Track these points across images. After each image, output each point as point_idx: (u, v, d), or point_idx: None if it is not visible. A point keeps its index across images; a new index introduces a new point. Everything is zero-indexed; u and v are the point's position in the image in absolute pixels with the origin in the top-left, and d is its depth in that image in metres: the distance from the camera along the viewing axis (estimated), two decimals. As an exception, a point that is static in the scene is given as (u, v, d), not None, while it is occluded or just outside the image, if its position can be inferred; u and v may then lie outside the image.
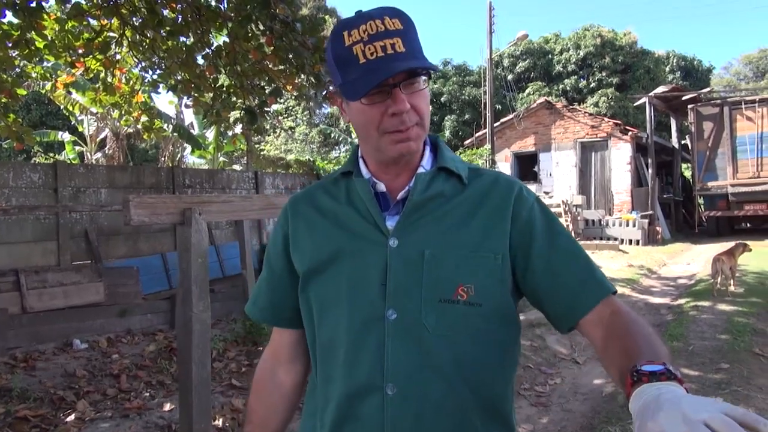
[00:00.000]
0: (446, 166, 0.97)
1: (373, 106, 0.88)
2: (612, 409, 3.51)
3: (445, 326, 0.89)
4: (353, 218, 0.96)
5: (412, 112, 0.89)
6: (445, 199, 0.95)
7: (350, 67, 0.87)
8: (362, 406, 0.91)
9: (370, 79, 0.84)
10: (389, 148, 0.91)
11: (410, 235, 0.92)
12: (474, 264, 0.90)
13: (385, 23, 0.86)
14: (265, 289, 1.09)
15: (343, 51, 0.88)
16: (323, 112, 25.36)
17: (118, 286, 5.76)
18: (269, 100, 5.16)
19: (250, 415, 1.11)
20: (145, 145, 17.90)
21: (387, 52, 0.85)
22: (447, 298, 0.89)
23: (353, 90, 0.87)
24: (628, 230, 13.79)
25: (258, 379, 1.12)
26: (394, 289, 0.90)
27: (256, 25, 4.58)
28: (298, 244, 1.01)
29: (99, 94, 5.61)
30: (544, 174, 17.04)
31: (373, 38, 0.85)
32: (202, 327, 2.59)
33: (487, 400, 0.92)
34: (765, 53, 41.53)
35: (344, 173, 1.02)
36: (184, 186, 7.89)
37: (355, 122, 0.94)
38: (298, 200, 1.06)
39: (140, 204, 2.45)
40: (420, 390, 0.89)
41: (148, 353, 4.84)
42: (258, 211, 3.13)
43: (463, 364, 0.90)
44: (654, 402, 0.62)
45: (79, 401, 3.70)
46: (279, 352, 1.10)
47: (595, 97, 23.63)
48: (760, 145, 13.89)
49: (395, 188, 0.97)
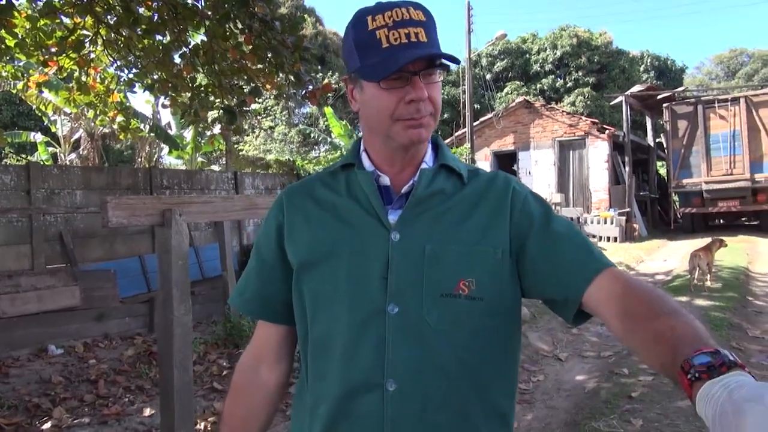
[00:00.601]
0: (448, 164, 0.97)
1: (391, 92, 0.88)
2: (595, 405, 3.54)
3: (447, 321, 0.88)
4: (354, 211, 0.95)
5: (427, 102, 0.89)
6: (446, 197, 0.95)
7: (372, 50, 0.87)
8: (360, 403, 0.88)
9: (394, 62, 0.84)
10: (401, 134, 0.90)
11: (412, 229, 0.91)
12: (474, 258, 0.90)
13: (410, 12, 0.87)
14: (254, 280, 1.04)
15: (365, 35, 0.88)
16: (302, 111, 25.23)
17: (95, 290, 5.63)
18: (248, 100, 5.10)
19: (227, 419, 1.06)
20: (120, 145, 17.60)
21: (411, 40, 0.86)
22: (449, 292, 0.88)
23: (374, 72, 0.87)
24: (606, 227, 13.99)
25: (238, 379, 1.06)
26: (396, 283, 0.89)
27: (235, 23, 4.52)
28: (293, 235, 0.98)
29: (73, 93, 5.49)
30: (523, 172, 17.18)
31: (398, 24, 0.86)
32: (184, 330, 2.54)
33: (488, 397, 0.91)
34: (735, 53, 42.54)
35: (344, 166, 1.00)
36: (161, 187, 7.77)
37: (368, 108, 0.93)
38: (294, 191, 1.03)
39: (119, 205, 2.39)
40: (422, 387, 0.87)
41: (126, 358, 4.74)
42: (240, 211, 3.08)
43: (464, 360, 0.89)
44: (730, 406, 0.54)
45: (56, 408, 3.60)
46: (263, 349, 1.05)
47: (572, 97, 23.94)
48: (733, 143, 14.20)
49: (399, 182, 0.96)
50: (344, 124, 14.36)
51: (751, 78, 37.64)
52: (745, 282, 8.02)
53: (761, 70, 38.45)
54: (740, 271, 8.81)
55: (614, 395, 3.66)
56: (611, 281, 0.86)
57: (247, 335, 5.01)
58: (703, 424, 2.61)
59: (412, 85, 0.87)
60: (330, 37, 25.05)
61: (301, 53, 4.70)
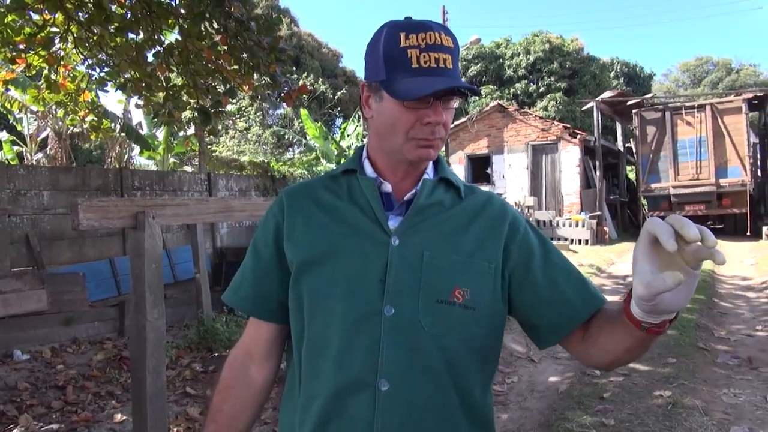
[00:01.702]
0: (447, 177, 1.02)
1: (410, 111, 0.91)
2: (568, 406, 3.59)
3: (440, 327, 0.92)
4: (355, 215, 0.98)
5: (441, 126, 0.93)
6: (444, 208, 0.99)
7: (401, 67, 0.90)
8: (352, 402, 0.90)
9: (426, 86, 0.88)
10: (411, 151, 0.94)
11: (411, 236, 0.95)
12: (470, 269, 0.94)
13: (442, 38, 0.91)
14: (250, 278, 1.05)
15: (396, 50, 0.91)
16: (277, 113, 25.04)
17: (63, 293, 5.48)
18: (224, 100, 5.04)
19: (214, 415, 1.06)
20: (89, 145, 17.20)
21: (439, 65, 0.90)
22: (444, 299, 0.92)
23: (403, 90, 0.89)
24: (577, 230, 14.21)
25: (227, 375, 1.07)
26: (394, 285, 0.92)
27: (210, 23, 4.46)
28: (293, 235, 1.00)
29: (42, 92, 5.34)
30: (497, 176, 17.36)
31: (429, 48, 0.90)
32: (157, 335, 2.49)
33: (471, 403, 0.95)
34: (701, 61, 43.71)
35: (346, 171, 1.03)
36: (133, 188, 7.61)
37: (383, 120, 0.95)
38: (295, 192, 1.05)
39: (90, 207, 2.33)
40: (412, 388, 0.90)
41: (95, 363, 4.64)
42: (214, 214, 3.04)
43: (453, 366, 0.92)
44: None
45: (22, 415, 3.50)
46: (253, 347, 1.07)
47: (545, 101, 24.30)
48: (699, 149, 14.59)
49: (400, 190, 1.00)
50: (319, 125, 14.29)
51: (716, 86, 38.74)
52: (711, 284, 8.24)
53: (725, 78, 39.62)
54: (706, 273, 9.05)
55: (586, 396, 3.72)
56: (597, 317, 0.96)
57: (221, 339, 4.95)
58: (672, 423, 2.66)
59: (432, 109, 0.91)
60: (305, 38, 24.92)
61: (277, 54, 4.66)
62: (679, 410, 3.36)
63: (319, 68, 23.47)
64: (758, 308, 6.66)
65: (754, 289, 7.98)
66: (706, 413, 3.33)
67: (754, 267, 9.83)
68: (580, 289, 0.97)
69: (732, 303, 7.05)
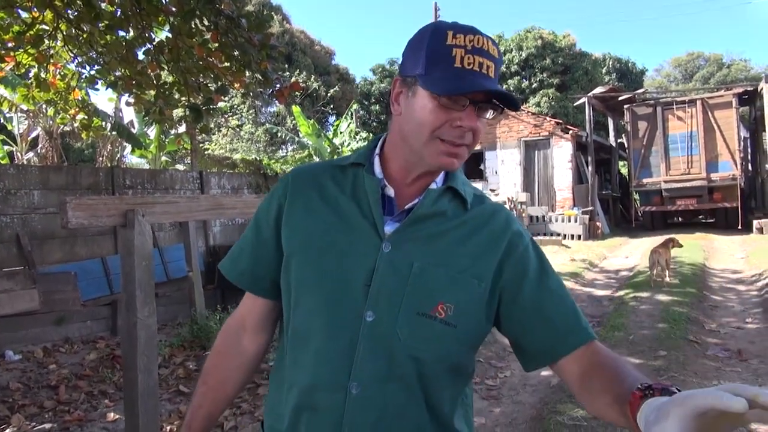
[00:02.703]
0: (455, 187, 0.98)
1: (443, 111, 0.88)
2: (560, 399, 3.61)
3: (417, 339, 0.91)
4: (353, 213, 0.96)
5: (470, 133, 0.90)
6: (445, 219, 0.97)
7: (442, 64, 0.87)
8: (323, 400, 0.92)
9: (469, 83, 0.86)
10: (434, 156, 0.91)
11: (404, 244, 0.93)
12: (458, 285, 0.92)
13: (488, 45, 0.88)
14: (249, 253, 1.06)
15: (441, 47, 0.87)
16: (269, 110, 24.95)
17: (55, 293, 5.47)
18: (215, 98, 5.02)
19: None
20: (81, 144, 17.10)
21: (482, 70, 0.87)
22: (425, 312, 0.91)
23: (442, 84, 0.86)
24: (570, 226, 14.27)
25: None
26: (377, 292, 0.91)
27: (201, 20, 4.44)
28: (291, 220, 1.00)
29: (32, 90, 5.30)
30: (490, 172, 17.40)
31: (475, 51, 0.87)
32: (148, 333, 2.49)
33: (439, 414, 0.95)
34: (692, 57, 43.91)
35: (354, 164, 1.01)
36: (124, 187, 7.58)
37: (412, 115, 0.91)
38: (302, 175, 1.03)
39: (79, 206, 2.33)
40: (382, 395, 0.91)
41: (88, 362, 4.63)
42: (205, 212, 3.03)
43: (424, 377, 0.92)
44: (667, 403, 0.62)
45: (14, 415, 3.49)
46: (247, 318, 1.09)
47: (537, 97, 24.35)
48: (690, 144, 14.68)
49: (403, 195, 0.98)
50: (312, 123, 14.27)
51: (707, 80, 38.94)
52: (702, 277, 8.31)
53: (717, 72, 39.81)
54: (698, 266, 9.12)
55: (578, 389, 3.74)
56: (586, 349, 0.92)
57: (214, 337, 4.93)
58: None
59: (466, 113, 0.88)
60: (297, 36, 24.83)
61: (268, 51, 4.65)
62: (669, 402, 3.39)
63: (311, 65, 23.39)
64: (748, 301, 6.72)
65: (744, 282, 8.05)
66: (696, 405, 3.37)
67: (744, 260, 9.90)
68: (570, 319, 0.95)
69: (723, 296, 7.11)
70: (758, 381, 3.83)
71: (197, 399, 1.10)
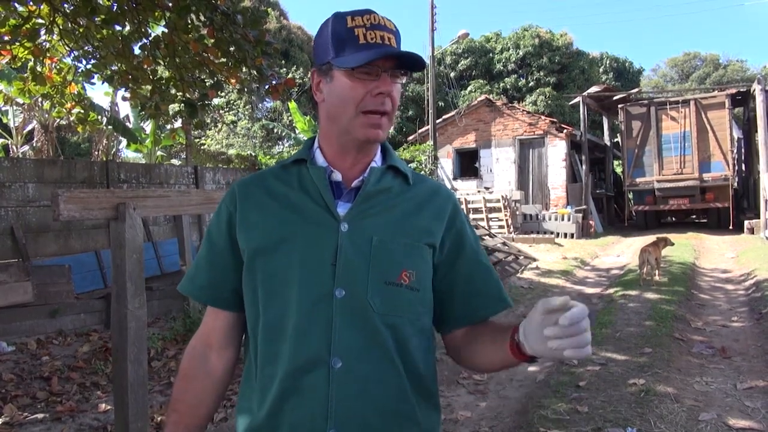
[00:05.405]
0: (395, 165, 1.07)
1: (359, 83, 0.97)
2: (545, 394, 3.68)
3: (389, 307, 0.98)
4: (305, 203, 1.02)
5: (389, 99, 0.99)
6: (392, 194, 1.05)
7: (348, 44, 0.97)
8: (307, 379, 0.95)
9: (374, 53, 0.94)
10: (360, 131, 0.99)
11: (360, 222, 1.00)
12: (416, 253, 1.02)
13: (384, 21, 0.99)
14: (205, 267, 1.09)
15: (344, 30, 0.97)
16: (266, 106, 24.93)
17: (49, 285, 5.50)
18: (210, 94, 5.06)
19: (175, 404, 1.08)
20: (77, 138, 17.09)
21: (384, 42, 0.97)
22: (392, 281, 0.99)
23: (353, 59, 0.95)
24: (563, 224, 14.35)
25: (187, 365, 1.10)
26: (344, 269, 0.97)
27: (197, 15, 4.48)
28: (246, 224, 1.03)
29: (28, 84, 5.31)
30: (484, 170, 17.46)
31: (374, 27, 0.97)
32: (138, 324, 2.54)
33: (420, 379, 1.02)
34: (689, 57, 44.00)
35: (296, 161, 1.07)
36: (119, 181, 7.61)
37: (334, 98, 1.00)
38: (247, 182, 1.09)
39: (70, 198, 2.37)
40: (364, 365, 0.96)
41: (81, 354, 4.67)
42: (197, 206, 3.08)
43: (400, 342, 0.99)
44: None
45: (6, 405, 3.54)
46: (211, 336, 1.10)
47: (534, 96, 24.37)
48: (683, 144, 14.77)
49: (349, 178, 1.05)
50: (308, 119, 14.29)
51: (703, 81, 39.05)
52: (691, 276, 8.39)
53: (713, 73, 39.91)
54: (688, 266, 9.21)
55: (563, 384, 3.81)
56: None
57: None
58: (643, 410, 2.76)
59: (381, 79, 0.96)
60: (294, 32, 24.80)
61: (263, 47, 4.69)
62: (652, 398, 3.46)
63: (308, 61, 23.36)
64: (735, 300, 6.80)
65: (733, 281, 8.14)
66: (678, 400, 3.44)
67: (734, 260, 10.00)
68: (496, 289, 1.09)
69: (710, 295, 7.19)
70: (739, 378, 3.91)
71: (170, 429, 1.07)
